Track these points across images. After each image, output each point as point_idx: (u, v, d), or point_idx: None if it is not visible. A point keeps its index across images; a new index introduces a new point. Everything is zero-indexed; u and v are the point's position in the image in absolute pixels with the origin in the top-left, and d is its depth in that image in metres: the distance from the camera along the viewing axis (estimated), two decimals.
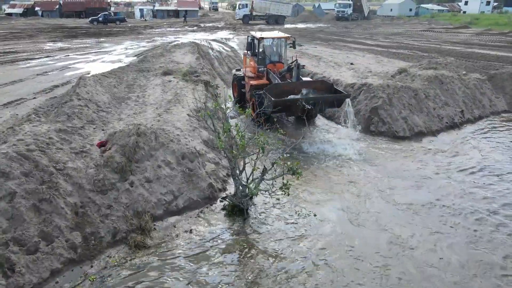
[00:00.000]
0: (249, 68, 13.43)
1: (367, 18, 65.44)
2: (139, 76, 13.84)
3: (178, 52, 20.35)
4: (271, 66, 12.75)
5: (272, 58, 13.36)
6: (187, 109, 9.98)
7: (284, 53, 13.60)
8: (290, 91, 10.83)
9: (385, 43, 26.47)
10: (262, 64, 12.79)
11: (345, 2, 63.16)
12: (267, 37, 13.08)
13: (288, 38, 13.18)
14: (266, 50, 13.27)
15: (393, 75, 14.52)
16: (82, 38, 29.10)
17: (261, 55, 12.95)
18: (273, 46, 13.70)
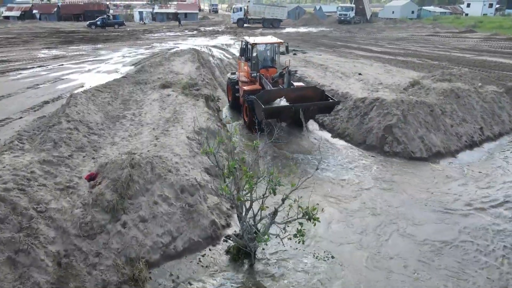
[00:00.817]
0: (242, 73, 13.66)
1: (370, 21, 64.81)
2: (136, 90, 13.09)
3: (178, 60, 19.62)
4: (264, 71, 12.90)
5: (265, 63, 13.57)
6: (186, 130, 9.23)
7: (277, 58, 13.81)
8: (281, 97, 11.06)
9: (392, 50, 25.75)
10: (255, 69, 12.97)
11: (347, 6, 62.76)
12: (260, 43, 13.35)
13: (281, 43, 13.40)
14: (259, 55, 13.52)
15: (405, 87, 13.78)
16: (78, 44, 28.39)
17: (254, 60, 13.17)
18: (266, 52, 13.92)
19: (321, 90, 11.85)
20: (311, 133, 12.07)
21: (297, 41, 32.74)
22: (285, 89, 11.60)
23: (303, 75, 16.09)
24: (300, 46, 28.36)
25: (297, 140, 11.40)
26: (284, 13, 52.90)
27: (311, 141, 11.25)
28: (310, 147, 10.77)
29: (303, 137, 11.66)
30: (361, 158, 10.15)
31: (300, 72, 16.74)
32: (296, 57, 21.46)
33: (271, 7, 52.59)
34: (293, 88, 11.76)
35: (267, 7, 52.20)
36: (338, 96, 13.34)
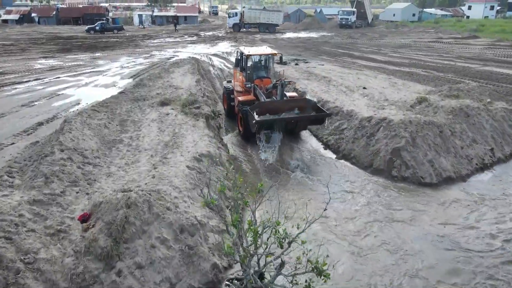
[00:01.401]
0: (237, 82, 14.04)
1: (371, 25, 64.54)
2: (134, 108, 12.71)
3: (177, 72, 19.24)
4: (258, 82, 13.17)
5: (259, 73, 13.79)
6: (186, 157, 8.84)
7: (272, 69, 14.19)
8: (274, 109, 11.47)
9: (395, 59, 25.38)
10: (250, 79, 13.27)
11: (348, 10, 62.47)
12: (254, 54, 13.70)
13: (275, 54, 13.89)
14: (253, 66, 13.86)
15: (412, 105, 13.39)
16: (76, 52, 28.02)
17: (249, 71, 13.52)
18: (260, 62, 14.20)
19: (313, 102, 12.12)
20: (316, 153, 11.68)
21: (299, 48, 32.40)
22: (278, 100, 11.92)
23: (306, 90, 15.71)
24: (302, 54, 28.00)
25: (302, 158, 11.04)
26: (279, 17, 53.04)
27: (316, 161, 10.86)
28: (315, 166, 10.38)
29: (308, 156, 11.30)
30: (368, 183, 9.76)
31: (303, 86, 16.36)
32: (298, 67, 21.09)
33: (266, 12, 53.21)
34: (286, 100, 12.04)
35: (262, 12, 52.85)
36: (343, 114, 12.99)
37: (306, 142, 12.65)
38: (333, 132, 12.71)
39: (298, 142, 12.62)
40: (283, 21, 53.89)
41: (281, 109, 11.56)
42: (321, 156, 11.54)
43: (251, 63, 13.83)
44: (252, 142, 12.16)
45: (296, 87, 16.30)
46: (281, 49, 31.70)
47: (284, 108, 11.62)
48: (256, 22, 51.73)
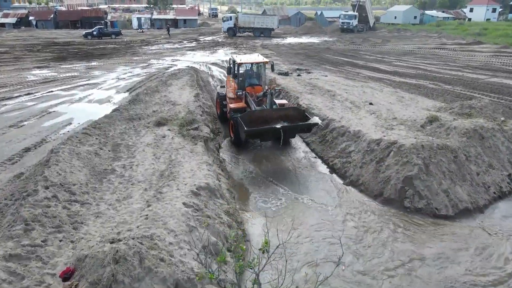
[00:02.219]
0: (230, 89, 14.49)
1: (373, 29, 64.00)
2: (129, 129, 12.07)
3: (175, 85, 18.61)
4: (250, 89, 13.75)
5: (251, 81, 14.34)
6: (183, 191, 8.19)
7: (263, 76, 14.62)
8: (264, 118, 11.90)
9: (400, 69, 24.75)
10: (241, 87, 13.81)
11: (350, 14, 61.77)
12: (246, 62, 14.16)
13: (266, 62, 14.28)
14: (245, 74, 14.40)
15: (423, 124, 12.74)
16: (72, 61, 27.39)
17: (241, 78, 14.05)
18: (252, 70, 14.73)
19: (302, 110, 12.74)
20: (322, 177, 11.03)
21: (300, 56, 31.78)
22: (267, 109, 12.34)
23: (310, 106, 15.06)
24: (304, 63, 27.39)
25: (308, 183, 10.39)
26: (274, 22, 53.00)
27: (322, 187, 10.20)
28: (321, 192, 9.72)
29: (314, 180, 10.66)
30: (379, 215, 9.11)
31: (307, 101, 15.72)
32: (301, 79, 20.46)
33: (260, 17, 53.71)
34: (275, 108, 12.44)
35: (256, 17, 53.43)
36: (350, 135, 12.35)
37: (311, 163, 12.00)
38: (340, 155, 12.06)
39: (301, 162, 11.99)
40: (278, 25, 53.64)
41: (270, 118, 11.95)
42: (327, 181, 10.89)
43: (243, 71, 14.37)
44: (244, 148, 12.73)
45: (300, 102, 15.67)
46: (282, 57, 31.10)
47: (274, 117, 11.98)
48: (251, 26, 52.27)
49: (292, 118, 12.06)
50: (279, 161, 12.15)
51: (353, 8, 62.54)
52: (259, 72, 14.61)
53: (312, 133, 13.96)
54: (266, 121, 11.82)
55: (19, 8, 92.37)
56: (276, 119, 11.89)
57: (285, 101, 14.71)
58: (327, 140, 13.12)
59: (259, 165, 11.77)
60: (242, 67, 14.24)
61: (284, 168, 11.60)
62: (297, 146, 13.46)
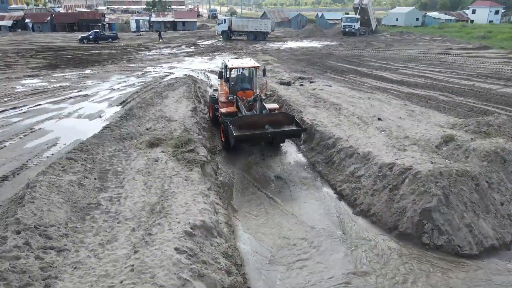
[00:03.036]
0: (221, 93, 14.81)
1: (376, 32, 63.21)
2: (118, 151, 11.18)
3: (171, 97, 17.74)
4: (241, 94, 14.01)
5: (243, 85, 14.56)
6: (176, 231, 7.30)
7: (255, 80, 14.74)
8: (254, 123, 12.16)
9: (407, 78, 23.87)
10: (233, 91, 14.12)
11: (352, 17, 61.01)
12: (237, 67, 14.33)
13: (258, 67, 14.42)
14: (237, 78, 14.68)
15: (438, 145, 11.86)
16: (64, 68, 26.52)
17: (233, 82, 14.37)
18: (244, 75, 14.97)
19: (291, 116, 12.88)
20: (329, 206, 10.13)
21: (302, 63, 30.93)
22: (257, 114, 12.60)
23: (315, 122, 14.19)
24: (306, 71, 26.52)
25: (316, 212, 9.48)
26: (268, 25, 52.75)
27: (329, 216, 9.29)
28: (328, 223, 8.82)
29: (321, 208, 9.75)
30: (395, 252, 8.21)
31: (311, 116, 14.84)
32: (304, 89, 19.59)
33: (254, 20, 53.76)
34: (265, 114, 12.62)
35: (250, 21, 53.53)
36: (359, 157, 11.45)
37: (318, 188, 11.11)
38: (348, 179, 11.18)
39: (306, 185, 11.09)
40: (273, 29, 53.11)
41: (260, 123, 12.21)
42: (336, 210, 10.00)
43: (234, 76, 14.65)
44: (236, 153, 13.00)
45: (304, 118, 14.78)
46: (284, 63, 30.25)
47: (264, 122, 12.22)
48: (244, 30, 52.38)
49: (282, 124, 12.42)
50: (281, 184, 11.26)
51: (355, 11, 61.73)
52: (251, 76, 14.86)
53: (318, 152, 13.12)
54: (256, 126, 12.13)
55: (16, 10, 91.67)
56: (266, 124, 12.21)
57: (276, 105, 14.74)
58: (334, 161, 12.24)
59: (261, 188, 10.89)
60: (233, 71, 14.48)
61: (288, 193, 10.70)
62: (301, 164, 12.56)
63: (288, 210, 9.90)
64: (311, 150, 13.50)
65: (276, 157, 13.13)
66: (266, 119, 12.31)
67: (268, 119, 12.35)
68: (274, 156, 13.15)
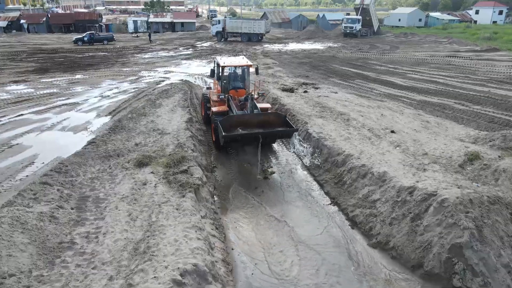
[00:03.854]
0: (214, 91, 14.87)
1: (377, 34, 62.00)
2: (103, 172, 9.99)
3: (165, 105, 16.55)
4: (233, 92, 13.94)
5: (235, 84, 14.46)
6: (162, 279, 6.10)
7: (248, 79, 14.58)
8: (245, 123, 11.93)
9: (417, 84, 22.66)
10: (225, 90, 14.06)
11: (353, 17, 59.72)
12: (229, 65, 14.16)
13: (250, 66, 14.27)
14: (229, 76, 14.62)
15: (461, 164, 10.67)
16: (54, 73, 25.31)
17: (225, 81, 14.29)
18: (236, 73, 14.86)
19: (283, 116, 12.63)
20: (340, 235, 8.94)
21: (305, 66, 29.75)
22: (248, 114, 12.41)
23: (322, 135, 13.00)
24: (310, 76, 25.33)
25: (323, 238, 8.27)
26: (262, 27, 51.92)
27: (339, 247, 8.09)
28: (339, 256, 7.61)
29: (330, 239, 8.54)
30: None
31: (317, 128, 13.65)
32: (308, 96, 18.39)
33: (247, 22, 53.15)
34: (256, 113, 12.44)
35: (243, 22, 53.02)
36: (374, 178, 10.26)
37: (328, 212, 9.91)
38: (362, 204, 9.98)
39: (313, 208, 9.90)
40: (268, 30, 52.21)
41: (251, 123, 12.00)
42: (345, 238, 8.81)
43: (226, 74, 14.56)
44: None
45: (309, 130, 13.59)
46: (286, 67, 29.08)
47: (254, 122, 12.05)
48: (238, 31, 52.01)
49: (273, 124, 12.20)
50: (286, 207, 10.07)
51: (356, 12, 60.38)
52: (243, 75, 14.68)
53: (326, 170, 11.92)
54: (246, 126, 11.92)
55: (13, 10, 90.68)
56: (257, 124, 12.03)
57: (268, 105, 14.56)
58: (344, 181, 11.04)
59: (262, 208, 9.71)
60: (226, 70, 14.36)
61: (294, 218, 9.50)
62: (308, 184, 11.36)
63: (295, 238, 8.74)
64: (318, 167, 12.30)
65: (279, 174, 11.95)
66: (257, 119, 12.13)
67: (259, 119, 12.18)
68: (278, 174, 11.97)
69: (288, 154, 13.52)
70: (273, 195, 10.71)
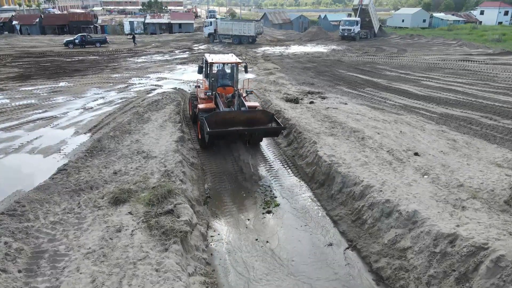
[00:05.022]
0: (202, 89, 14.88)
1: (379, 35, 60.09)
2: (69, 213, 8.23)
3: (154, 120, 14.79)
4: (221, 90, 13.83)
5: (223, 81, 14.39)
6: None
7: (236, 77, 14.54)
8: (231, 120, 11.76)
9: (434, 92, 20.89)
10: (213, 87, 13.97)
11: (351, 19, 56.63)
12: (217, 62, 14.04)
13: (239, 63, 14.19)
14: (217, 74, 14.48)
15: (507, 200, 8.87)
16: (36, 80, 23.51)
17: (213, 78, 14.15)
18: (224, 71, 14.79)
19: (271, 113, 12.38)
20: None
21: (310, 72, 27.97)
22: (234, 111, 12.21)
23: (334, 159, 11.22)
24: (315, 82, 23.56)
25: None
26: (251, 29, 50.27)
27: None
28: None
29: None
30: None
31: (328, 149, 11.87)
32: (315, 108, 16.63)
33: (238, 24, 51.95)
34: (243, 110, 12.22)
35: (234, 24, 51.83)
36: (402, 219, 8.46)
37: (344, 260, 8.13)
38: (388, 252, 8.20)
39: (326, 253, 8.11)
40: (256, 32, 50.70)
41: (238, 120, 11.84)
42: None
43: (214, 71, 14.43)
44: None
45: (319, 151, 11.81)
46: (289, 73, 27.31)
47: (241, 119, 11.86)
48: (229, 33, 50.99)
49: (260, 121, 12.07)
50: (293, 255, 8.30)
51: (355, 13, 57.65)
52: (232, 73, 14.62)
53: (340, 203, 10.14)
54: (233, 123, 11.80)
55: (7, 11, 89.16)
56: (243, 122, 11.85)
57: (257, 103, 14.58)
58: (364, 220, 9.26)
59: (262, 256, 7.92)
60: (213, 67, 14.27)
61: (303, 268, 7.72)
62: (318, 220, 9.57)
63: None
64: (330, 198, 10.54)
65: (284, 205, 10.18)
66: (243, 116, 11.91)
67: (246, 116, 11.94)
68: (283, 205, 10.20)
69: (293, 178, 11.76)
70: (282, 232, 8.92)
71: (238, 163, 12.55)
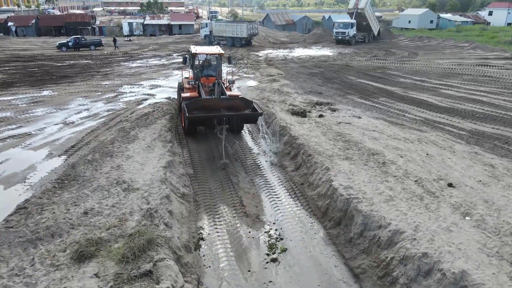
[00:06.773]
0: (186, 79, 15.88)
1: (387, 38, 58.11)
2: (17, 274, 6.49)
3: (142, 139, 13.04)
4: (204, 80, 14.90)
5: (207, 72, 15.39)
6: None
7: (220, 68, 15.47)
8: (211, 106, 12.40)
9: (456, 103, 19.05)
10: (196, 77, 15.13)
11: (346, 21, 52.82)
12: (201, 53, 15.33)
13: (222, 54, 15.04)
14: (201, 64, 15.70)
15: None
16: (18, 88, 21.78)
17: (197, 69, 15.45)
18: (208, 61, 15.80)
19: (250, 101, 12.90)
20: None
21: (317, 78, 26.17)
22: (214, 98, 12.76)
23: (352, 192, 9.42)
24: (324, 91, 21.76)
25: None
26: (243, 30, 48.76)
27: None
28: None
29: None
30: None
31: (344, 179, 10.08)
32: (325, 123, 14.84)
33: (231, 25, 50.98)
34: (222, 98, 12.81)
35: (228, 25, 51.02)
36: (447, 282, 6.64)
37: None
38: None
39: None
40: (249, 34, 49.05)
41: (217, 107, 12.28)
42: None
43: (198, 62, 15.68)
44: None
45: (333, 182, 10.00)
46: (294, 80, 25.55)
47: (221, 106, 12.30)
48: (223, 35, 50.21)
49: (239, 108, 12.52)
50: None
51: (351, 16, 54.13)
52: (216, 64, 15.52)
53: (361, 251, 8.34)
54: (213, 109, 12.22)
55: (5, 12, 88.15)
56: (223, 108, 12.22)
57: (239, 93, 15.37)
58: (395, 278, 7.43)
59: None
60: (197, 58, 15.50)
61: None
62: (332, 273, 7.77)
63: None
64: (349, 242, 8.74)
65: (293, 250, 8.39)
66: (223, 103, 12.40)
67: (225, 103, 12.45)
68: (291, 249, 8.41)
69: (303, 213, 9.98)
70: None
71: (237, 192, 10.80)
